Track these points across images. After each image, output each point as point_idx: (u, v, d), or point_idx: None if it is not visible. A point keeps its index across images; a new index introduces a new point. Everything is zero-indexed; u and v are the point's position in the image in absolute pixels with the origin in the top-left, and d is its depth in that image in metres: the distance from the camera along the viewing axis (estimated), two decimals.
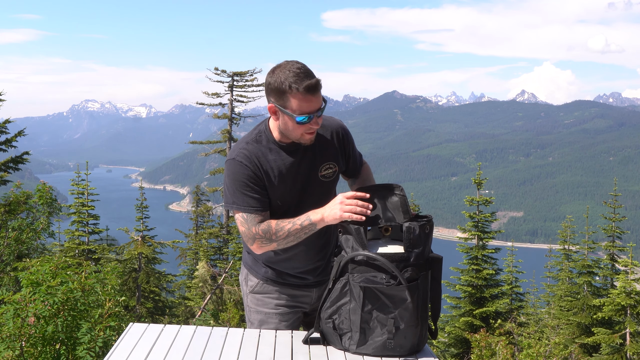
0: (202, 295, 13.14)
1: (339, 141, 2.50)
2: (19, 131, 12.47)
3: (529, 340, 9.78)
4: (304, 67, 2.23)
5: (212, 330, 2.51)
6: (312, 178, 2.43)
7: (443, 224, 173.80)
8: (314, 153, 2.42)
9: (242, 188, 2.32)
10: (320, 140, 2.44)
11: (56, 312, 3.49)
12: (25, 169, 77.76)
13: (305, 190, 2.43)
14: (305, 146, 2.40)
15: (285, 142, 2.38)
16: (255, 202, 2.33)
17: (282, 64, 2.24)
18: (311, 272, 2.58)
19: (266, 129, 2.41)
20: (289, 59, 2.27)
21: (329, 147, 2.46)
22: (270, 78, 2.25)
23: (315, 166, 2.43)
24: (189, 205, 47.89)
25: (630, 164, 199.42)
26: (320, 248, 2.54)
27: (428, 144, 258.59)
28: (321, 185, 2.46)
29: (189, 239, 22.27)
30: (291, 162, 2.38)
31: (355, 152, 2.60)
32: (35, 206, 7.45)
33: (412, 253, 2.17)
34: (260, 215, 2.34)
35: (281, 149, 2.38)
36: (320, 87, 2.24)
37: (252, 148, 2.37)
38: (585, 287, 12.91)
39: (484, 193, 13.26)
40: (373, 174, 2.75)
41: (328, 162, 2.45)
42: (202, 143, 24.13)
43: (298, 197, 2.42)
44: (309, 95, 2.21)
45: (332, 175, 2.48)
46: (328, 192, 2.50)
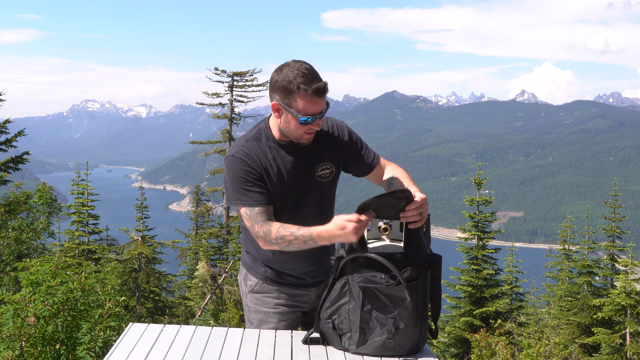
0: (202, 295, 13.15)
1: (338, 142, 2.50)
2: (19, 131, 12.47)
3: (529, 340, 9.78)
4: (312, 68, 2.26)
5: (212, 330, 2.51)
6: (309, 178, 2.45)
7: (443, 224, 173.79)
8: (312, 153, 2.44)
9: (243, 184, 2.34)
10: (318, 141, 2.46)
11: (56, 312, 3.49)
12: (25, 169, 77.71)
13: (302, 189, 2.44)
14: (304, 146, 2.42)
15: (285, 140, 2.41)
16: (257, 196, 2.34)
17: (290, 63, 2.27)
18: (310, 272, 2.59)
19: (266, 127, 2.44)
20: (296, 59, 2.30)
21: (326, 147, 2.48)
22: (277, 76, 2.27)
23: (312, 166, 2.44)
24: (189, 205, 47.93)
25: (630, 164, 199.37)
26: (319, 249, 2.53)
27: (428, 144, 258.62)
28: (319, 186, 2.47)
29: (189, 239, 22.27)
30: (289, 161, 2.41)
31: (363, 151, 2.57)
32: (35, 206, 7.46)
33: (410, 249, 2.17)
34: (263, 209, 2.34)
35: (280, 147, 2.41)
36: (327, 90, 2.27)
37: (252, 145, 2.39)
38: (585, 287, 12.91)
39: (484, 193, 13.26)
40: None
41: (325, 162, 2.47)
42: (202, 143, 24.12)
43: (296, 196, 2.44)
44: (316, 97, 2.24)
45: (328, 176, 2.49)
46: (326, 192, 2.51)
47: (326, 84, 2.25)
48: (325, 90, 2.25)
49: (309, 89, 2.21)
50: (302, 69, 2.23)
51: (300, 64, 2.25)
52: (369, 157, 2.58)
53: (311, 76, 2.23)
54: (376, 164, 2.60)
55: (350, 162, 2.56)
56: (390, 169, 2.58)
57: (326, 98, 2.30)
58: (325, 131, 2.49)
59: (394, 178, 2.52)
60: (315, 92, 2.22)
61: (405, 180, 2.45)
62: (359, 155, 2.56)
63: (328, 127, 2.50)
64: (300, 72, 2.22)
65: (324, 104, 2.29)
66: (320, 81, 2.24)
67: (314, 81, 2.22)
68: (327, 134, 2.49)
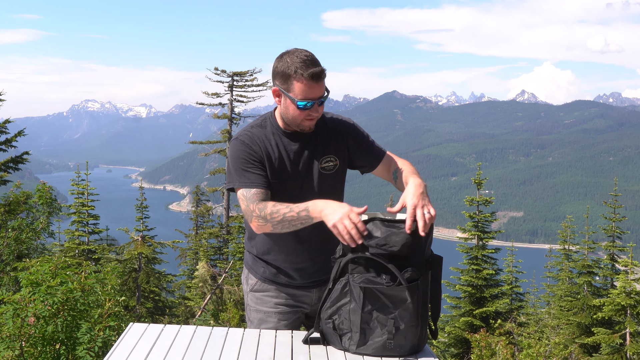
0: (202, 295, 13.15)
1: (344, 136, 2.52)
2: (19, 131, 12.48)
3: (529, 340, 9.78)
4: (312, 55, 2.31)
5: (212, 330, 2.51)
6: (312, 168, 2.46)
7: (443, 224, 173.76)
8: (317, 144, 2.46)
9: (243, 165, 2.37)
10: (323, 133, 2.48)
11: (56, 312, 3.49)
12: (25, 169, 77.76)
13: (305, 179, 2.45)
14: (309, 136, 2.45)
15: (289, 130, 2.44)
16: (255, 178, 2.36)
17: (291, 50, 2.33)
18: (309, 268, 2.57)
19: (271, 116, 2.49)
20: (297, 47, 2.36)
21: (331, 140, 2.49)
22: (277, 62, 2.33)
23: (316, 157, 2.46)
24: (189, 205, 47.90)
25: (630, 164, 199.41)
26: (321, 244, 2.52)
27: (428, 144, 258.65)
28: (322, 178, 2.48)
29: (189, 239, 22.28)
30: (293, 150, 2.44)
31: (369, 145, 2.58)
32: (35, 206, 7.45)
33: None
34: (260, 191, 2.35)
35: (285, 135, 2.44)
36: (325, 76, 2.31)
37: (256, 131, 2.44)
38: (585, 287, 12.91)
39: (484, 193, 13.26)
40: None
41: (329, 154, 2.48)
42: (202, 143, 24.12)
43: (299, 186, 2.45)
44: (312, 82, 2.28)
45: (332, 169, 2.50)
46: (330, 185, 2.51)
47: (323, 70, 2.29)
48: (322, 75, 2.29)
49: (306, 73, 2.26)
50: (301, 55, 2.29)
51: (300, 51, 2.31)
52: (374, 151, 2.59)
53: (309, 61, 2.28)
54: (382, 158, 2.60)
55: (356, 156, 2.56)
56: (396, 163, 2.59)
57: (325, 86, 2.34)
58: (331, 125, 2.51)
59: (398, 171, 2.54)
60: (311, 77, 2.26)
61: (410, 174, 2.44)
62: (364, 150, 2.57)
63: (335, 122, 2.53)
64: (299, 58, 2.28)
65: (322, 90, 2.32)
66: (318, 67, 2.28)
67: (312, 66, 2.27)
68: (333, 127, 2.51)
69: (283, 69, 2.30)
